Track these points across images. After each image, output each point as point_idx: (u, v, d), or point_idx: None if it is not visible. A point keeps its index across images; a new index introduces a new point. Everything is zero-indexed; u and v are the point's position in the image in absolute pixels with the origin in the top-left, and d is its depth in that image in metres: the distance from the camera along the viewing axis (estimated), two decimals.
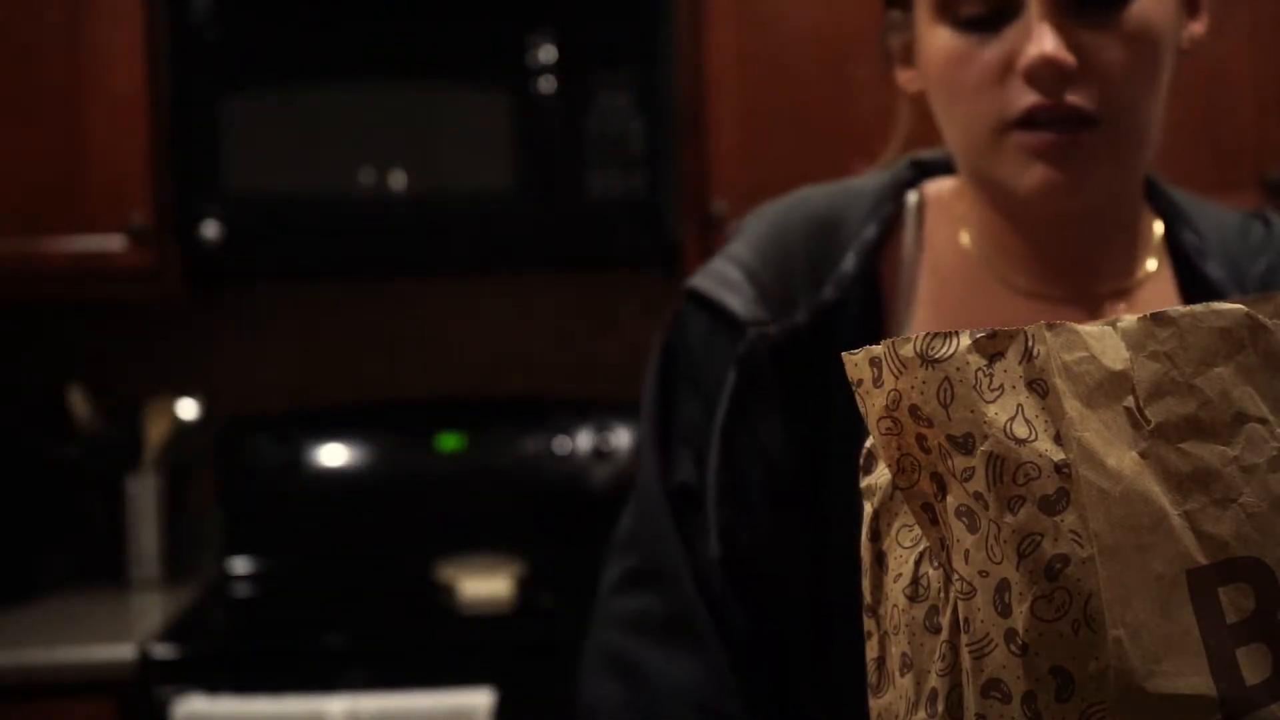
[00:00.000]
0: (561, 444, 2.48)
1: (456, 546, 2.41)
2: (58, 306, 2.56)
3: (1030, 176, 0.83)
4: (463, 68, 2.25)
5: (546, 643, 2.01)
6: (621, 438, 2.48)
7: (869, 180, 0.97)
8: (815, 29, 2.26)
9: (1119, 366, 0.49)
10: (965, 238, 0.93)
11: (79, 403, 2.44)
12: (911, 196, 0.95)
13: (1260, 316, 0.50)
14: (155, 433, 2.45)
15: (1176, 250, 0.92)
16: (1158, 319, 0.50)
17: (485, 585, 2.21)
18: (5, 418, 2.45)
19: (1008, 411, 0.49)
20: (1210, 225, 0.94)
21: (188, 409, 2.48)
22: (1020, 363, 0.49)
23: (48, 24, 2.22)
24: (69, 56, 2.22)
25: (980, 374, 0.49)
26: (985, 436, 0.49)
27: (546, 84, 2.23)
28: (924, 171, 0.98)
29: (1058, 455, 0.48)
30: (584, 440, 2.48)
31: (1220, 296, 0.88)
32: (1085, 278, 0.91)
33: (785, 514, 0.91)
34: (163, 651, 1.98)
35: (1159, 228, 0.93)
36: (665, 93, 2.26)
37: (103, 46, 2.23)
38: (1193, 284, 0.91)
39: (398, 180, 2.23)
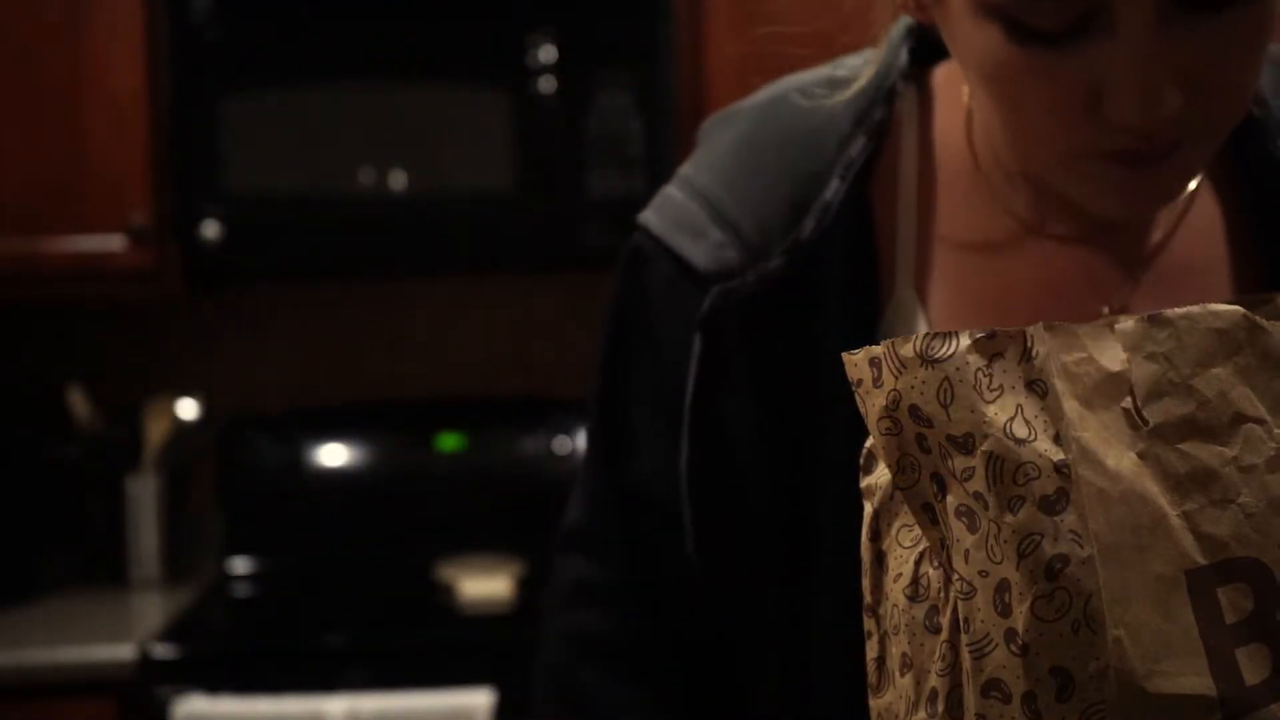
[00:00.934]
0: (561, 444, 2.48)
1: (456, 546, 2.41)
2: (58, 306, 2.56)
3: (1104, 203, 0.66)
4: (463, 68, 2.25)
5: None
6: None
7: (861, 68, 0.78)
8: (815, 29, 2.26)
9: (1117, 367, 0.49)
10: (991, 155, 0.73)
11: (79, 403, 2.44)
12: (910, 90, 0.76)
13: (1257, 318, 0.50)
14: (155, 433, 2.45)
15: (1240, 137, 0.72)
16: (1155, 320, 0.50)
17: (485, 585, 2.21)
18: (5, 418, 2.45)
19: (1007, 412, 0.49)
20: (1270, 85, 0.74)
21: (188, 409, 2.48)
22: (1019, 363, 0.50)
23: (48, 24, 2.22)
24: (69, 56, 2.22)
25: (980, 374, 0.49)
26: (985, 436, 0.49)
27: (546, 84, 2.23)
28: (926, 45, 0.76)
29: (1057, 455, 0.48)
30: (584, 440, 2.48)
31: None
32: (1136, 232, 0.73)
33: (764, 508, 0.74)
34: (163, 651, 1.98)
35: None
36: (665, 93, 2.26)
37: (103, 46, 2.23)
38: (1258, 160, 0.72)
39: (398, 180, 2.23)
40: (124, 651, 1.99)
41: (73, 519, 2.46)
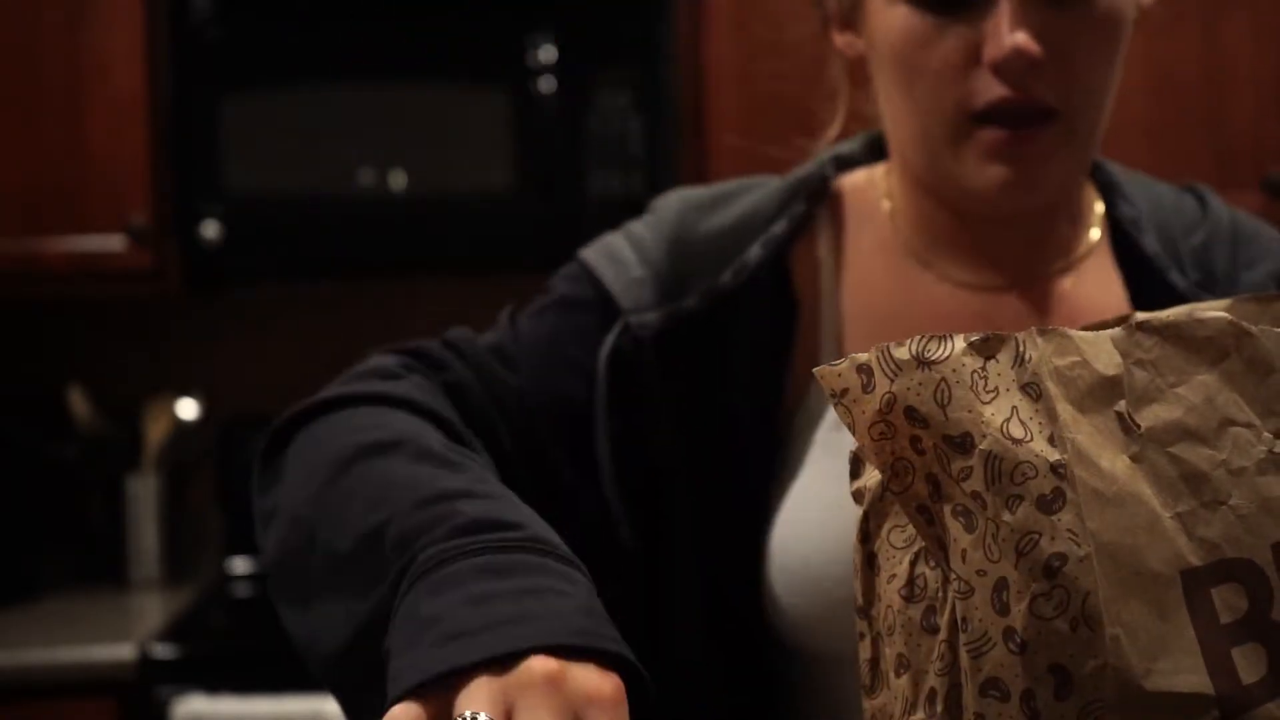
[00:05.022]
0: None
1: None
2: (58, 306, 2.56)
3: (987, 175, 0.80)
4: (463, 68, 2.25)
5: None
6: None
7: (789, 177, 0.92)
8: (815, 29, 2.26)
9: (1111, 372, 0.50)
10: (892, 230, 0.90)
11: (79, 403, 2.44)
12: (823, 194, 0.91)
13: (1244, 323, 0.51)
14: (155, 433, 2.45)
15: (1115, 224, 0.90)
16: (1143, 327, 0.51)
17: None
18: (5, 418, 2.45)
19: (1003, 413, 0.49)
20: (1145, 198, 0.91)
21: (188, 409, 2.48)
22: (1013, 366, 0.50)
23: (48, 24, 2.22)
24: (69, 57, 2.23)
25: (976, 375, 0.50)
26: (984, 436, 0.49)
27: (546, 84, 2.23)
28: (841, 166, 0.93)
29: (1053, 456, 0.48)
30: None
31: (1156, 270, 0.86)
32: (1028, 263, 0.88)
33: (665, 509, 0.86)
34: (163, 651, 1.98)
35: (1099, 203, 0.91)
36: (665, 93, 2.26)
37: (103, 47, 2.23)
38: (1130, 257, 0.88)
39: (398, 180, 2.23)
40: (124, 651, 1.99)
41: (72, 519, 2.46)
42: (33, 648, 2.03)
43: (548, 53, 2.23)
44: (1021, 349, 0.50)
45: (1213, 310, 0.53)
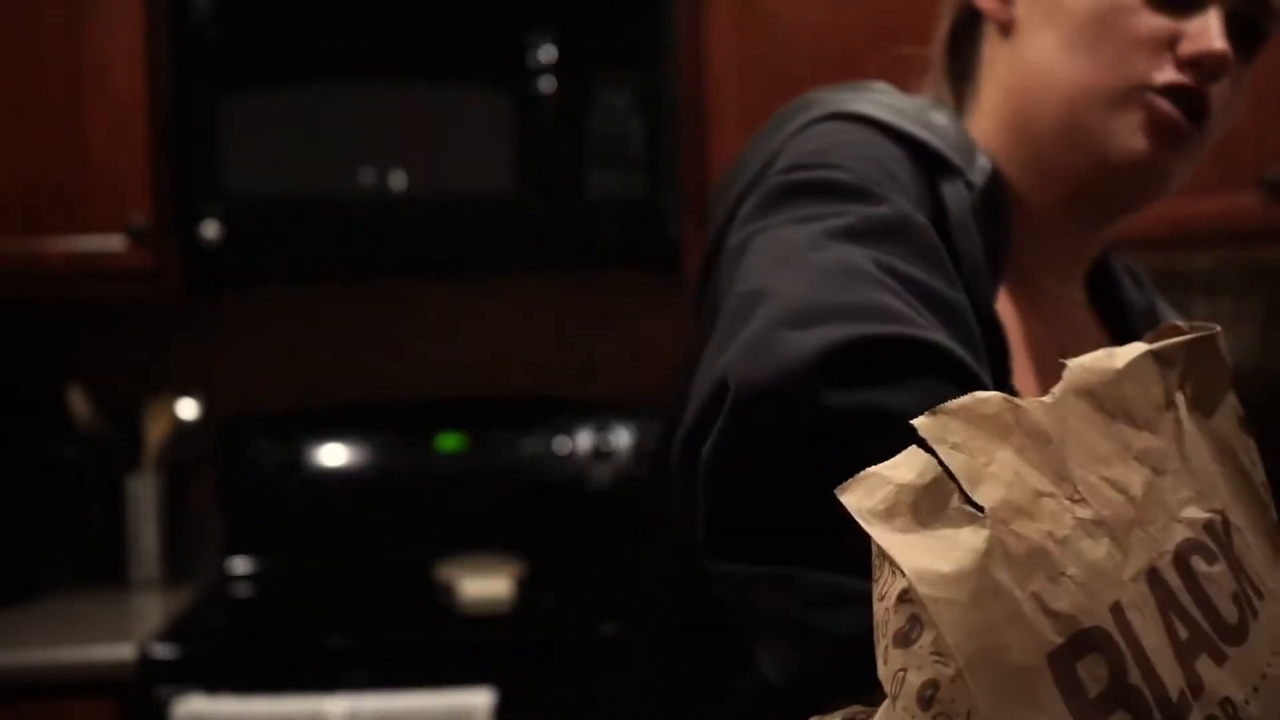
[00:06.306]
0: (561, 444, 2.48)
1: (456, 546, 2.41)
2: (58, 306, 2.56)
3: (1137, 143, 0.85)
4: (463, 68, 2.25)
5: (546, 643, 2.01)
6: (621, 438, 2.49)
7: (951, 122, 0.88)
8: (816, 29, 2.26)
9: (928, 478, 0.49)
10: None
11: (79, 403, 2.44)
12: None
13: (1015, 400, 0.50)
14: (155, 433, 2.45)
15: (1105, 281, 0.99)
16: (948, 411, 0.50)
17: (485, 585, 2.21)
18: (5, 418, 2.45)
19: (882, 577, 0.49)
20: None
21: (188, 409, 2.48)
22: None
23: (48, 24, 2.22)
24: (69, 57, 2.23)
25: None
26: (878, 600, 0.50)
27: (546, 84, 2.23)
28: None
29: (898, 587, 0.48)
30: (584, 440, 2.48)
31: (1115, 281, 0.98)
32: (1073, 271, 0.95)
33: None
34: (163, 651, 1.98)
35: None
36: (666, 92, 2.26)
37: (103, 47, 2.23)
38: (1116, 306, 0.98)
39: (398, 180, 2.23)
40: (124, 651, 1.99)
41: (72, 519, 2.46)
42: (33, 648, 2.02)
43: (548, 53, 2.23)
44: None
45: (987, 391, 0.52)
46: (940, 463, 0.48)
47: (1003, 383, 0.77)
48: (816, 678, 0.56)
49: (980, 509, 0.48)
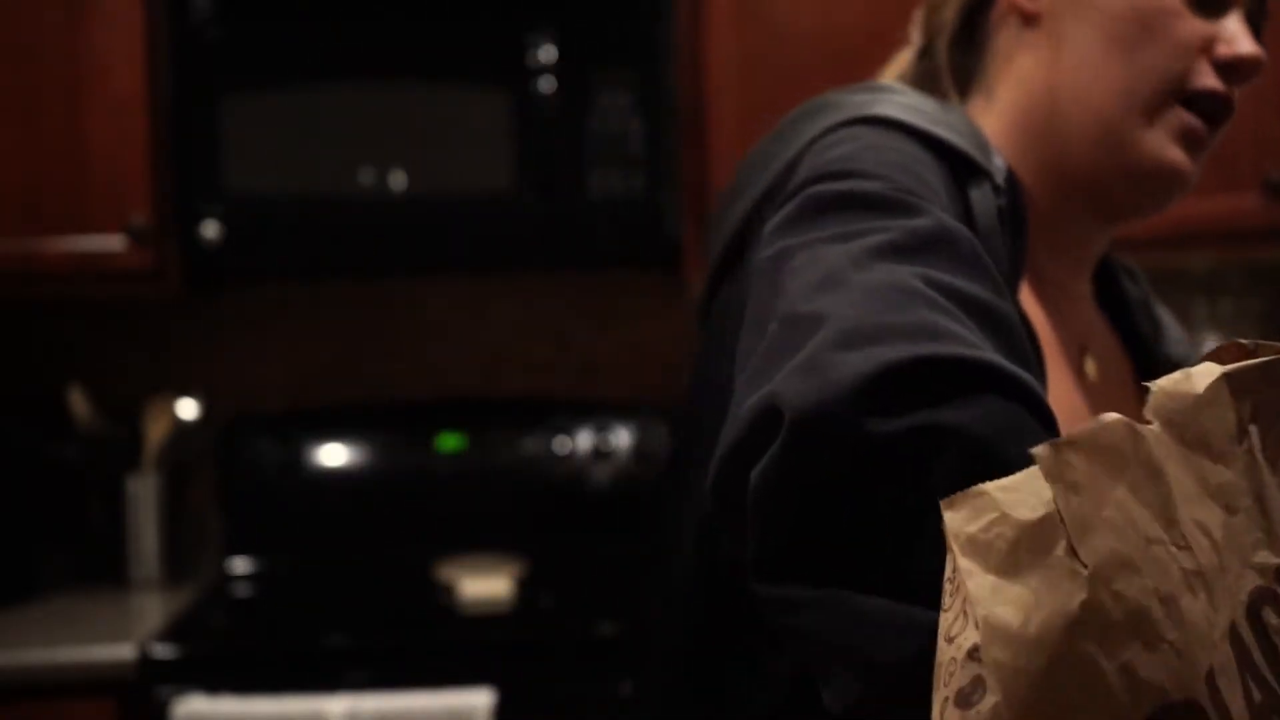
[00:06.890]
0: (561, 444, 2.48)
1: (456, 546, 2.41)
2: (58, 306, 2.56)
3: (1171, 153, 0.85)
4: (463, 68, 2.25)
5: (546, 643, 2.01)
6: (621, 438, 2.49)
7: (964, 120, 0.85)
8: (815, 29, 2.26)
9: (1038, 514, 0.44)
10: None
11: (79, 403, 2.44)
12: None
13: (1137, 425, 0.45)
14: (155, 433, 2.45)
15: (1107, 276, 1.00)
16: (1070, 443, 0.45)
17: (485, 585, 2.21)
18: (5, 418, 2.45)
19: (953, 610, 0.45)
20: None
21: (188, 409, 2.48)
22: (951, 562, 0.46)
23: (48, 24, 2.22)
24: (69, 57, 2.23)
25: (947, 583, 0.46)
26: (947, 641, 0.45)
27: (546, 84, 2.23)
28: None
29: (970, 639, 0.43)
30: (584, 440, 2.48)
31: (1114, 277, 0.98)
32: (1084, 271, 0.94)
33: None
34: (163, 651, 1.98)
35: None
36: (665, 93, 2.26)
37: (103, 47, 2.23)
38: (1116, 298, 0.99)
39: (398, 180, 2.23)
40: (124, 651, 1.99)
41: (73, 519, 2.46)
42: (33, 648, 2.02)
43: (548, 53, 2.23)
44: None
45: (1111, 415, 0.46)
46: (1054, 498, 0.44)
47: (1043, 389, 0.75)
48: (871, 706, 0.53)
49: (1084, 564, 0.42)
